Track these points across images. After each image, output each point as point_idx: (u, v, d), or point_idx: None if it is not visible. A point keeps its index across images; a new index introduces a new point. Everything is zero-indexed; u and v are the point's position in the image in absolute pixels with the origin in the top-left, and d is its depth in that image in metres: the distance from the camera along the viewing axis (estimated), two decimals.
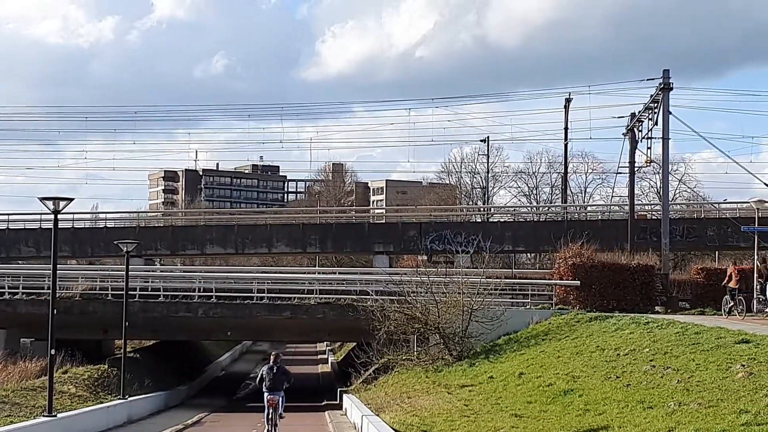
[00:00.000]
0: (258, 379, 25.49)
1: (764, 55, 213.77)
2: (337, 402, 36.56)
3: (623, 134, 45.59)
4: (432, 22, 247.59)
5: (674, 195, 70.60)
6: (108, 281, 44.20)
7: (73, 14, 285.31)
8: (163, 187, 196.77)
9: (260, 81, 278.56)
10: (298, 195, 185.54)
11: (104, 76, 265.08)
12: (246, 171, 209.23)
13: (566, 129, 62.74)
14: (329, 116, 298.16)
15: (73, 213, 59.51)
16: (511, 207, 76.72)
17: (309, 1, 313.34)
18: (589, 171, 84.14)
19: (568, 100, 62.25)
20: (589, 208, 70.92)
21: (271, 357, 25.05)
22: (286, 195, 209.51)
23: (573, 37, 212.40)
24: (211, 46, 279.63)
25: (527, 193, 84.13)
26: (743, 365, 19.31)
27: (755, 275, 32.99)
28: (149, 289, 43.89)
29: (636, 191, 49.70)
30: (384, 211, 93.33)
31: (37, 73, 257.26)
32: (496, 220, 64.15)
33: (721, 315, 32.62)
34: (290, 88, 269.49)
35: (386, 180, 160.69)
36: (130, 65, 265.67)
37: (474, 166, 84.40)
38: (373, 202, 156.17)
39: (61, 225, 30.98)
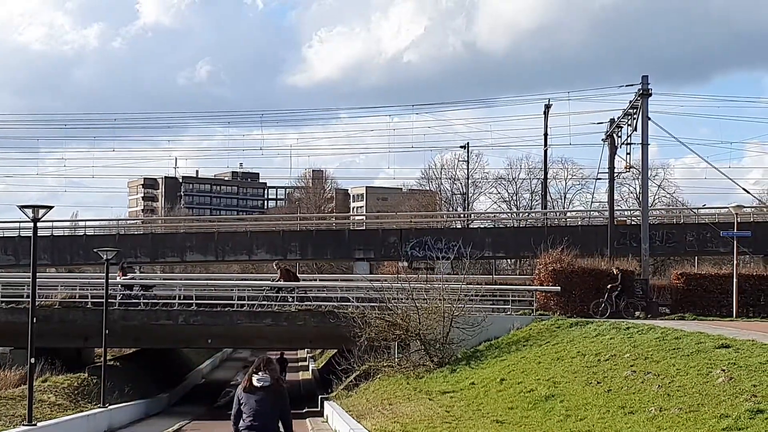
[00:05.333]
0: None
1: (746, 61, 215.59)
2: (319, 409, 36.45)
3: (603, 140, 45.75)
4: (421, 27, 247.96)
5: (654, 200, 70.94)
6: (88, 289, 43.96)
7: (59, 21, 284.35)
8: (142, 195, 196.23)
9: (244, 87, 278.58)
10: (278, 202, 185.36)
11: (88, 84, 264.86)
12: (226, 178, 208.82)
13: (546, 135, 63.07)
14: (313, 123, 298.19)
15: (53, 221, 59.27)
16: (492, 213, 76.96)
17: (297, 7, 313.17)
18: (569, 177, 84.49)
19: (547, 107, 62.55)
20: (569, 214, 71.18)
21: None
22: (266, 202, 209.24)
23: (559, 42, 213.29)
24: (195, 53, 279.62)
25: (507, 199, 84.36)
26: (723, 370, 19.37)
27: None
28: (129, 297, 43.67)
29: (616, 197, 49.90)
30: (364, 217, 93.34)
31: (20, 81, 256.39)
32: (476, 227, 64.32)
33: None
34: (275, 95, 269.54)
35: (366, 186, 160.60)
36: (114, 72, 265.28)
37: (454, 173, 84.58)
38: (353, 208, 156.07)
39: (40, 233, 30.90)
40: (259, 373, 12.26)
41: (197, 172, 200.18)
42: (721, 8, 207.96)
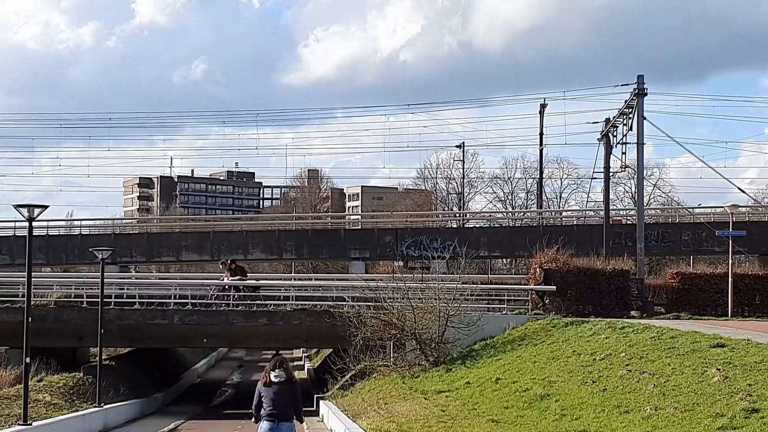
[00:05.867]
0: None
1: (743, 60, 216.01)
2: (314, 408, 36.46)
3: (598, 139, 45.80)
4: (418, 26, 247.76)
5: (649, 200, 70.93)
6: (83, 289, 43.93)
7: (54, 20, 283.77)
8: (138, 194, 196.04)
9: (240, 86, 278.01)
10: (274, 201, 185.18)
11: (83, 83, 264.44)
12: (221, 177, 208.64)
13: (541, 134, 63.07)
14: (309, 122, 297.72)
15: (48, 220, 59.27)
16: (487, 212, 76.97)
17: (293, 6, 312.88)
18: (565, 176, 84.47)
19: (543, 106, 62.59)
20: (564, 214, 71.19)
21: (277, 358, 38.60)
22: (261, 201, 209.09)
23: (555, 42, 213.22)
24: (191, 52, 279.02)
25: (503, 198, 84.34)
26: (719, 369, 19.39)
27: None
28: (124, 297, 43.65)
29: (611, 196, 50.07)
30: (360, 217, 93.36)
31: (15, 80, 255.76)
32: (471, 226, 64.40)
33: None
34: (271, 94, 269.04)
35: (362, 186, 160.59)
36: (110, 71, 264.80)
37: (450, 172, 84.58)
38: (348, 208, 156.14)
39: (35, 232, 30.81)
40: (276, 371, 14.88)
41: (193, 171, 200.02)
42: (719, 8, 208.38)
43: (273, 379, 14.92)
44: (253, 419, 15.28)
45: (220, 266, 43.89)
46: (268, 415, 14.86)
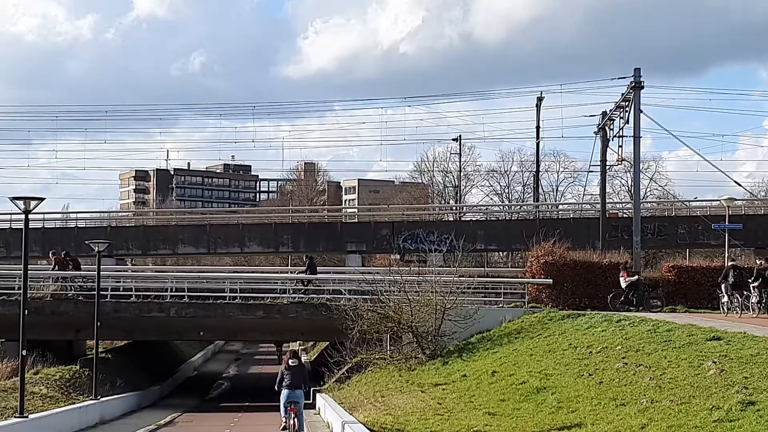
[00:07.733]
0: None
1: (741, 53, 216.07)
2: (310, 401, 36.50)
3: (595, 133, 45.77)
4: (419, 18, 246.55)
5: (646, 193, 70.95)
6: (79, 281, 43.88)
7: (52, 12, 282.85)
8: (134, 187, 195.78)
9: (238, 79, 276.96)
10: (270, 195, 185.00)
11: (81, 75, 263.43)
12: (218, 170, 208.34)
13: (538, 128, 62.96)
14: (306, 115, 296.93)
15: (44, 213, 59.17)
16: (484, 206, 76.91)
17: None
18: (561, 170, 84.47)
19: (540, 99, 62.47)
20: (561, 207, 71.17)
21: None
22: (258, 195, 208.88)
23: (554, 34, 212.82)
24: (189, 44, 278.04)
25: (499, 192, 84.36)
26: (715, 362, 19.43)
27: None
28: (121, 290, 43.62)
29: (608, 189, 49.92)
30: (356, 210, 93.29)
31: (13, 72, 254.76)
32: (468, 219, 64.38)
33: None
34: (269, 86, 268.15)
35: (358, 179, 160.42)
36: (107, 64, 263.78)
37: (446, 165, 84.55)
38: (345, 201, 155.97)
39: (31, 225, 30.80)
40: (292, 359, 23.01)
41: (189, 164, 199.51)
42: (717, 1, 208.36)
43: (290, 363, 22.79)
44: (276, 387, 22.81)
45: (50, 256, 42.70)
46: (287, 385, 22.58)
